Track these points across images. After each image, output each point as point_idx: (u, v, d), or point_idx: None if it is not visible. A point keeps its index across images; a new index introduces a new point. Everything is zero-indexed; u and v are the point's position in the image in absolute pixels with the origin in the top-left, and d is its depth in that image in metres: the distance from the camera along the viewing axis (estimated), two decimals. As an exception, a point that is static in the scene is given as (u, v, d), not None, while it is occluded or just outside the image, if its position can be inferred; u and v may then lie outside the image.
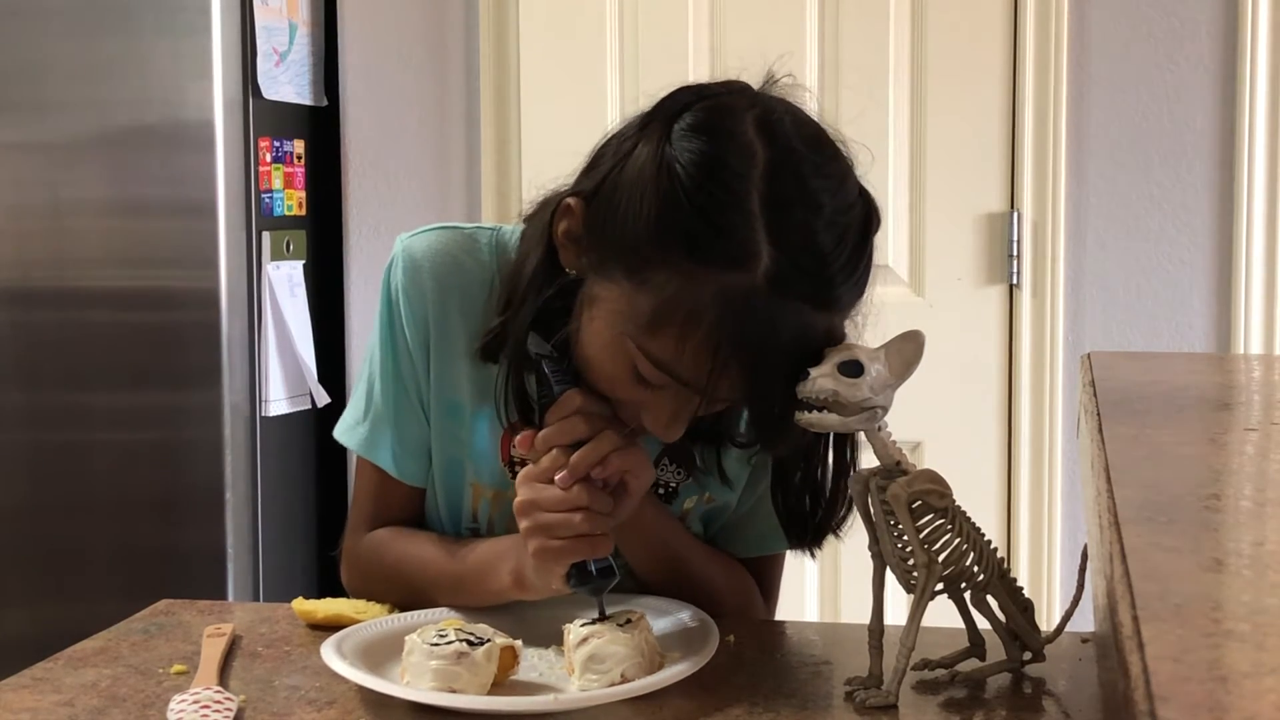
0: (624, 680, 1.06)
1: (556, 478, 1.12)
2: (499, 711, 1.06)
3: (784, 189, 1.05)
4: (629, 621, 1.10)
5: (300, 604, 1.28)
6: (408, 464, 1.32)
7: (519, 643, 1.12)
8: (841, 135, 1.13)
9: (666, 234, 1.05)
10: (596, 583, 1.13)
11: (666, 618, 1.21)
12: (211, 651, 1.18)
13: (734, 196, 1.04)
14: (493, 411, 1.23)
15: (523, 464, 1.19)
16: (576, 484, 1.12)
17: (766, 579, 1.37)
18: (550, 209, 1.15)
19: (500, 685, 1.09)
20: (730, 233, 1.04)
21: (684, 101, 1.10)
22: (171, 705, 1.06)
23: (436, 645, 1.06)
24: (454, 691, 1.05)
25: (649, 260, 1.06)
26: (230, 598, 2.54)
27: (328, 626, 1.24)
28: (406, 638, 1.10)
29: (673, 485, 1.29)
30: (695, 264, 1.04)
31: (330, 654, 1.11)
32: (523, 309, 1.17)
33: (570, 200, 1.13)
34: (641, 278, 1.06)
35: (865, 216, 1.10)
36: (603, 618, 1.11)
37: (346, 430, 1.34)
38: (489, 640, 1.08)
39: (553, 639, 1.16)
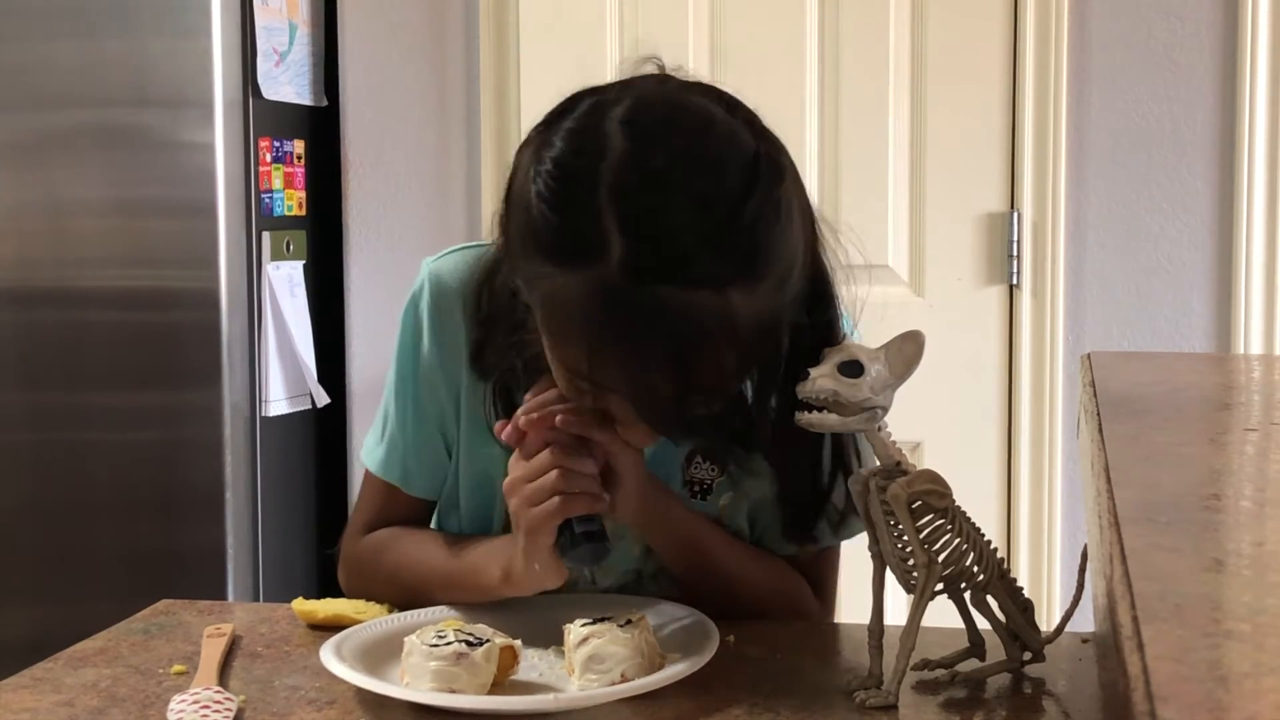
0: (624, 680, 1.06)
1: (520, 420, 1.14)
2: (498, 711, 1.06)
3: (632, 176, 1.03)
4: (629, 622, 1.10)
5: (300, 604, 1.28)
6: (420, 485, 1.33)
7: (518, 643, 1.12)
8: (734, 98, 1.10)
9: (531, 243, 1.06)
10: (581, 548, 1.13)
11: (667, 618, 1.21)
12: (211, 651, 1.18)
13: (581, 193, 1.03)
14: None
15: None
16: (550, 448, 1.13)
17: (818, 575, 1.34)
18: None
19: (500, 685, 1.09)
20: (580, 229, 1.03)
21: (565, 107, 1.11)
22: (171, 705, 1.06)
23: (435, 646, 1.06)
24: (453, 692, 1.05)
25: (527, 271, 1.07)
26: (230, 598, 2.54)
27: (328, 626, 1.24)
28: (406, 639, 1.10)
29: (707, 482, 1.29)
30: (557, 267, 1.04)
31: (329, 656, 1.11)
32: (497, 326, 1.19)
33: (500, 213, 1.14)
34: (529, 288, 1.08)
35: (747, 181, 1.04)
36: (594, 585, 1.11)
37: (368, 452, 1.36)
38: (488, 640, 1.08)
39: (553, 639, 1.16)
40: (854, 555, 1.25)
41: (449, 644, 1.06)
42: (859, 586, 1.18)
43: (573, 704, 1.05)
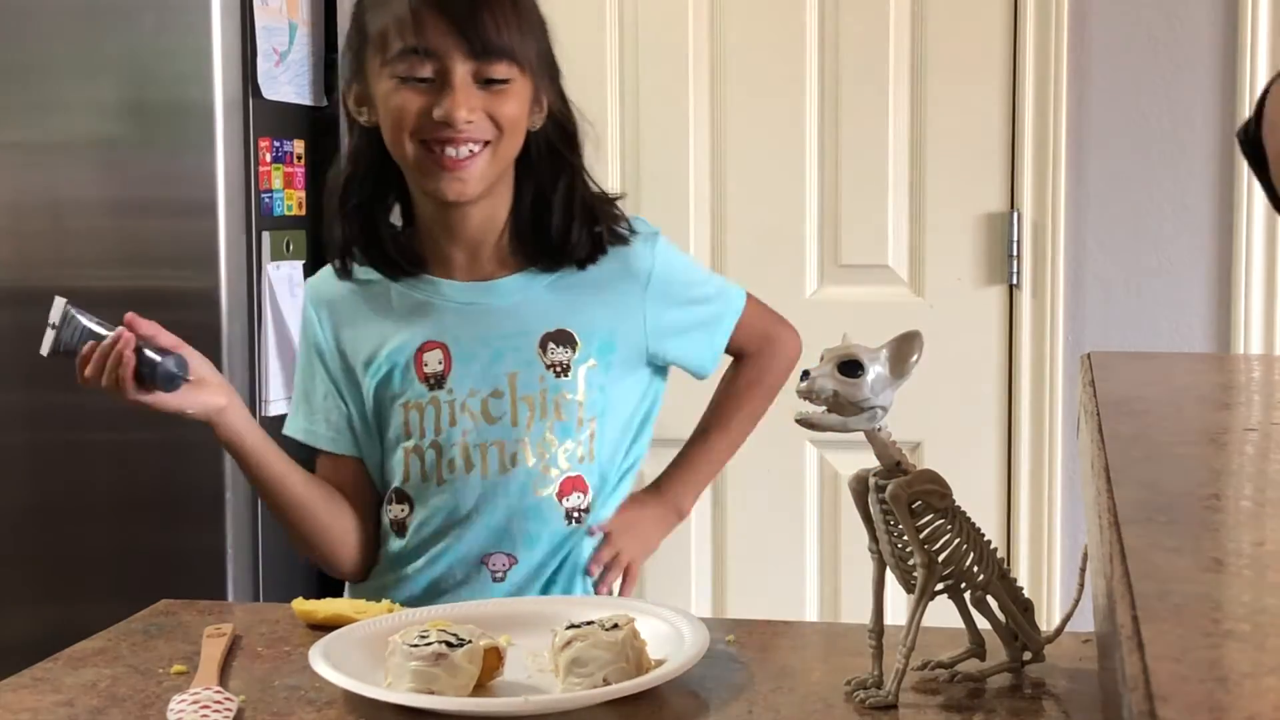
0: (605, 684, 1.05)
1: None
2: (467, 713, 1.05)
3: None
4: (615, 626, 1.09)
5: (300, 604, 1.28)
6: (324, 438, 1.54)
7: (504, 643, 1.11)
8: None
9: (359, 17, 1.46)
10: (157, 371, 1.40)
11: (659, 620, 1.20)
12: (211, 651, 1.18)
13: None
14: (402, 339, 1.47)
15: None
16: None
17: (761, 331, 1.60)
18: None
19: (486, 686, 1.08)
20: None
21: None
22: (171, 705, 1.06)
23: (416, 646, 1.06)
24: (432, 693, 1.04)
25: (365, 32, 1.43)
26: (230, 598, 2.53)
27: (328, 626, 1.24)
28: (389, 638, 1.09)
29: (565, 363, 1.44)
30: None
31: (316, 656, 1.10)
32: (357, 209, 1.50)
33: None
34: (364, 35, 1.44)
35: None
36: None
37: (286, 423, 1.60)
38: (470, 641, 1.07)
39: (547, 640, 1.15)
40: (854, 555, 1.25)
41: (429, 644, 1.06)
42: (859, 586, 1.18)
43: (545, 707, 1.04)
